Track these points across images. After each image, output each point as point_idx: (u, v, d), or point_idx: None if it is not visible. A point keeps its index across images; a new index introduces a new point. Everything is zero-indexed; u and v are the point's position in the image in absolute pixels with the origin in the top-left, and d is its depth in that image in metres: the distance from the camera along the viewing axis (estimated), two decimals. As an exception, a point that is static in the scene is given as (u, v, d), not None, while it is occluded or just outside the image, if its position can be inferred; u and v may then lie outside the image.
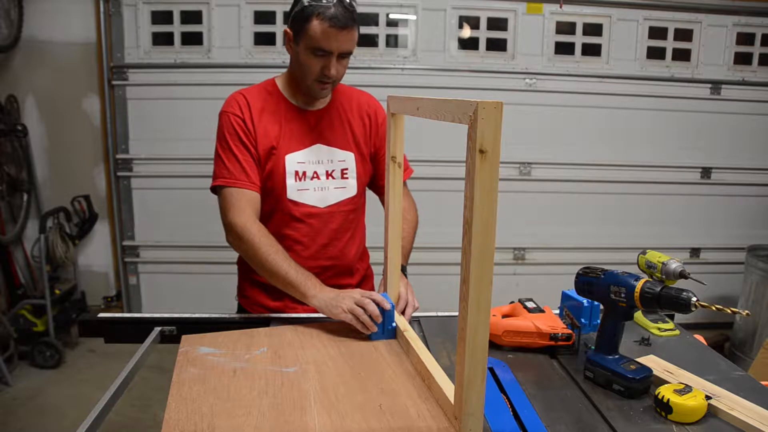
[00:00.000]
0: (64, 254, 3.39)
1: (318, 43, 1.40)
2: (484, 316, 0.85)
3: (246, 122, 1.49)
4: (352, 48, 1.45)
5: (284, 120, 1.53)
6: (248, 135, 1.49)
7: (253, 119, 1.50)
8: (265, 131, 1.50)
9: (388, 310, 1.30)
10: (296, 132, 1.53)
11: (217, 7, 3.37)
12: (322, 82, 1.46)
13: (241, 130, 1.49)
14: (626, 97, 3.61)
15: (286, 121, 1.53)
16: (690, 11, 3.57)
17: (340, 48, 1.41)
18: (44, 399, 2.91)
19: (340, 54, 1.43)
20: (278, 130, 1.51)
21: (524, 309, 1.35)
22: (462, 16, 3.50)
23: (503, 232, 3.12)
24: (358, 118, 1.61)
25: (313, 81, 1.46)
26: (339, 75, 1.47)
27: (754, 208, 3.88)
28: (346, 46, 1.42)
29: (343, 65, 1.47)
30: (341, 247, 1.61)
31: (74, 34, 3.43)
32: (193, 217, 3.47)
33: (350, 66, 1.53)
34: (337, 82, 1.52)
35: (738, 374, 1.19)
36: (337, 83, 1.53)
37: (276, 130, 1.51)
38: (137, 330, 1.40)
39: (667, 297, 1.04)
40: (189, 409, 1.00)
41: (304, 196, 1.54)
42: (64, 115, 3.55)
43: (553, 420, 1.02)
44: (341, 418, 0.99)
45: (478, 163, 0.80)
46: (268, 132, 1.51)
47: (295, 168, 1.52)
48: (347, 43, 1.42)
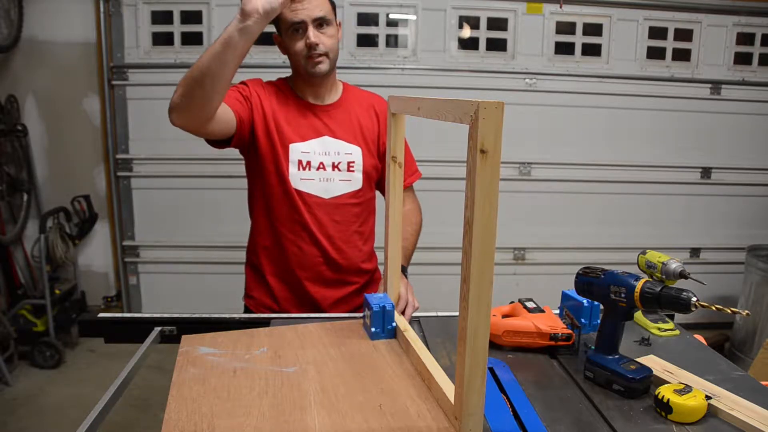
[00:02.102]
0: (64, 254, 3.39)
1: (288, 19, 1.44)
2: (485, 316, 0.85)
3: (253, 92, 1.52)
4: (325, 13, 1.46)
5: (293, 111, 1.55)
6: (247, 98, 1.51)
7: (260, 97, 1.52)
8: (273, 118, 1.52)
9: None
10: (303, 123, 1.55)
11: (217, 7, 3.37)
12: (311, 57, 1.48)
13: (244, 91, 1.51)
14: (626, 97, 3.62)
15: (294, 112, 1.55)
16: (690, 11, 3.58)
17: (310, 15, 1.44)
18: (44, 399, 2.91)
19: (314, 21, 1.45)
20: (286, 120, 1.54)
21: (524, 309, 1.34)
22: (462, 16, 3.50)
23: (503, 232, 3.12)
24: (367, 116, 1.63)
25: (304, 60, 1.48)
26: (327, 45, 1.48)
27: (754, 208, 3.88)
28: (315, 12, 1.44)
29: (326, 35, 1.48)
30: (346, 240, 1.61)
31: (74, 34, 3.43)
32: (193, 217, 3.47)
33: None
34: (332, 56, 1.52)
35: (738, 374, 1.18)
36: (333, 57, 1.52)
37: (284, 118, 1.54)
38: (137, 330, 1.40)
39: (667, 297, 1.03)
40: (189, 409, 1.00)
41: (308, 186, 1.55)
42: (64, 115, 3.55)
43: (553, 420, 1.02)
44: (341, 418, 0.99)
45: (479, 163, 0.80)
46: (277, 120, 1.53)
47: (298, 157, 1.53)
48: (316, 10, 1.44)
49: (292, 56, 1.51)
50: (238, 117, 1.47)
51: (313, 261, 1.58)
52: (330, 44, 1.49)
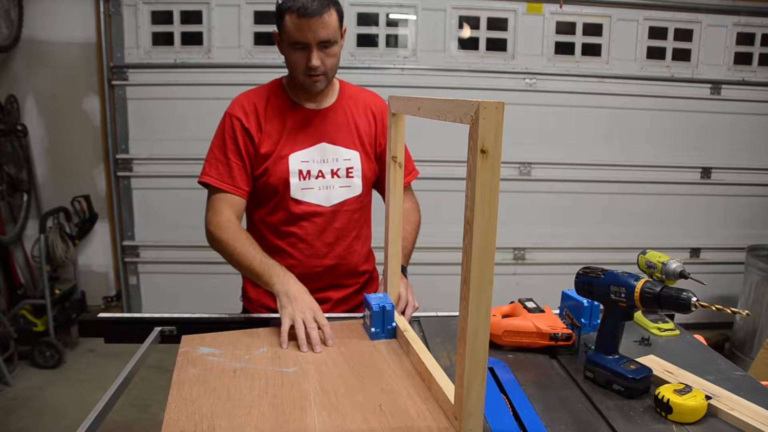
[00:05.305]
0: (64, 254, 3.39)
1: (293, 37, 1.40)
2: (485, 316, 0.85)
3: (248, 128, 1.50)
4: (330, 36, 1.41)
5: (289, 119, 1.53)
6: (247, 142, 1.50)
7: (259, 122, 1.51)
8: (269, 133, 1.51)
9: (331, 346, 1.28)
10: (301, 131, 1.54)
11: (217, 7, 3.37)
12: (311, 75, 1.45)
13: (240, 135, 1.50)
14: (626, 97, 3.61)
15: (291, 120, 1.53)
16: (690, 11, 3.57)
17: (315, 37, 1.39)
18: (44, 399, 2.91)
19: (319, 43, 1.41)
20: (283, 130, 1.52)
21: (524, 309, 1.35)
22: (462, 16, 3.50)
23: (503, 232, 3.12)
24: (364, 118, 1.61)
25: (303, 75, 1.46)
26: (327, 66, 1.45)
27: (754, 208, 3.88)
28: (321, 34, 1.39)
29: (329, 54, 1.44)
30: (346, 246, 1.61)
31: (74, 34, 3.43)
32: (194, 217, 3.43)
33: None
34: (331, 74, 1.50)
35: (738, 374, 1.18)
36: (332, 74, 1.50)
37: (280, 130, 1.52)
38: (137, 330, 1.40)
39: (667, 297, 1.04)
40: (189, 410, 1.00)
41: (309, 195, 1.54)
42: (64, 115, 3.55)
43: (553, 420, 1.02)
44: (341, 418, 0.99)
45: (480, 163, 0.80)
46: (272, 133, 1.51)
47: (299, 167, 1.52)
48: (322, 32, 1.39)
49: (289, 65, 1.48)
50: (249, 173, 1.53)
51: (313, 271, 1.57)
52: (331, 64, 1.46)
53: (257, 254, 1.42)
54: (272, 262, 1.40)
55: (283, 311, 1.30)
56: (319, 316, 1.30)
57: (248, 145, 1.51)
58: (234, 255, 1.44)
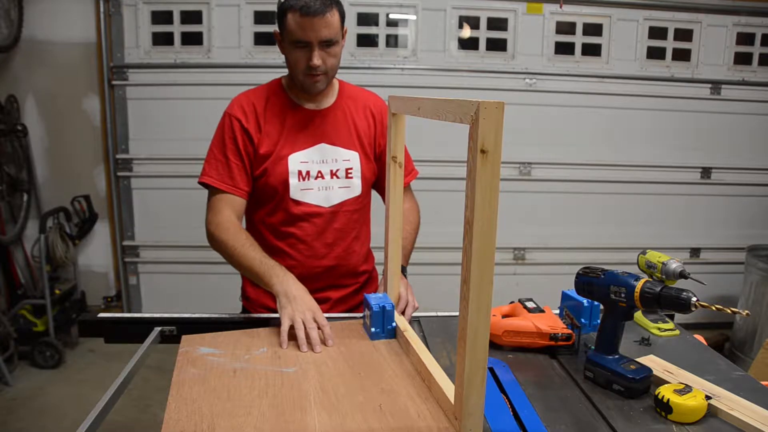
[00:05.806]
0: (64, 254, 3.39)
1: (295, 36, 1.40)
2: (485, 316, 0.85)
3: (247, 128, 1.50)
4: (332, 35, 1.42)
5: (288, 120, 1.53)
6: (246, 142, 1.50)
7: (258, 122, 1.51)
8: (268, 133, 1.51)
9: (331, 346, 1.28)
10: (300, 131, 1.53)
11: (217, 7, 3.37)
12: (311, 75, 1.45)
13: (239, 135, 1.50)
14: (626, 97, 3.61)
15: (290, 120, 1.53)
16: (690, 11, 3.57)
17: (317, 37, 1.40)
18: (44, 399, 2.91)
19: (321, 42, 1.41)
20: (282, 131, 1.52)
21: (524, 309, 1.35)
22: (462, 16, 3.50)
23: (503, 232, 3.12)
24: (364, 118, 1.61)
25: (303, 75, 1.46)
26: (328, 65, 1.45)
27: (754, 208, 3.88)
28: (323, 33, 1.40)
29: (330, 54, 1.44)
30: (345, 247, 1.61)
31: (74, 34, 3.43)
32: (193, 217, 3.43)
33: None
34: (332, 74, 1.50)
35: (738, 374, 1.18)
36: (332, 74, 1.50)
37: (280, 130, 1.52)
38: (137, 330, 1.40)
39: (667, 297, 1.04)
40: (189, 410, 1.00)
41: (308, 196, 1.54)
42: (64, 115, 3.55)
43: (553, 420, 1.02)
44: (341, 418, 0.99)
45: (480, 163, 0.80)
46: (272, 134, 1.51)
47: (298, 168, 1.52)
48: (324, 31, 1.39)
49: (290, 64, 1.48)
50: (249, 173, 1.52)
51: (312, 272, 1.57)
52: (332, 63, 1.46)
53: (257, 255, 1.42)
54: (272, 263, 1.40)
55: (282, 311, 1.30)
56: (318, 316, 1.30)
57: (247, 146, 1.51)
58: (234, 255, 1.44)
